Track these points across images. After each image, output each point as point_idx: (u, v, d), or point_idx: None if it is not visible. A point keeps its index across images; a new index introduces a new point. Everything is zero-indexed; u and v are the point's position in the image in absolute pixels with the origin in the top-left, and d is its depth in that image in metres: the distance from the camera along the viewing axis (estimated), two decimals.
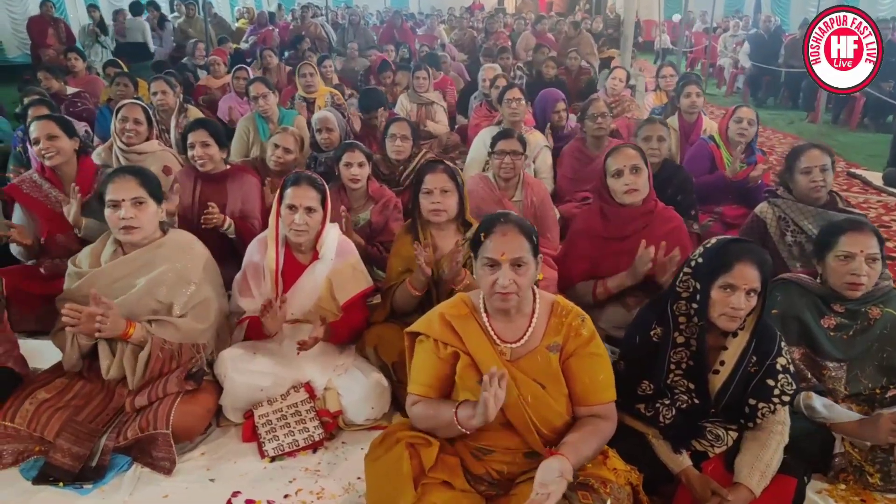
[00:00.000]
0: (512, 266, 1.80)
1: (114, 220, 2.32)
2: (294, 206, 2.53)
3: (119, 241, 2.42)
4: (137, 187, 2.35)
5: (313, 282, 2.62)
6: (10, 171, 4.17)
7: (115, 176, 2.36)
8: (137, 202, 2.34)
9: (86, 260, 2.45)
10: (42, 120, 3.11)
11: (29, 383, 2.36)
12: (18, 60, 10.80)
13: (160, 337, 2.33)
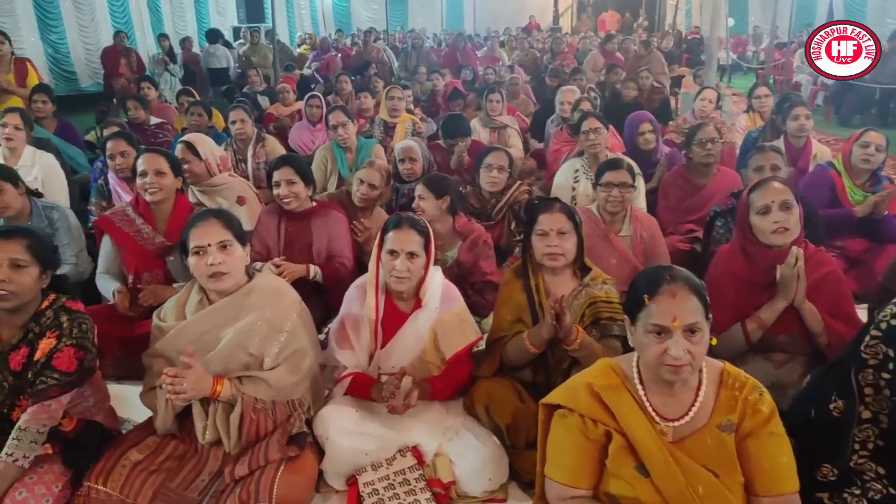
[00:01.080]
0: (685, 333, 1.53)
1: (200, 267, 2.14)
2: (395, 251, 2.31)
3: (204, 290, 2.24)
4: (223, 230, 2.17)
5: (416, 332, 2.39)
6: (92, 205, 4.08)
7: (197, 221, 2.18)
8: (223, 246, 2.15)
9: (171, 313, 2.26)
10: (151, 154, 3.06)
11: (120, 442, 2.18)
12: (91, 89, 11.07)
13: (251, 395, 2.12)
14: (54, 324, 2.06)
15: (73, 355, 2.04)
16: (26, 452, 1.95)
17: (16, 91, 6.26)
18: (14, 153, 4.40)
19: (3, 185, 3.25)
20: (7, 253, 2.00)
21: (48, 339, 2.04)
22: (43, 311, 2.08)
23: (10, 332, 2.07)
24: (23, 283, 2.00)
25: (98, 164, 4.71)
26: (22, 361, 2.04)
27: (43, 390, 1.99)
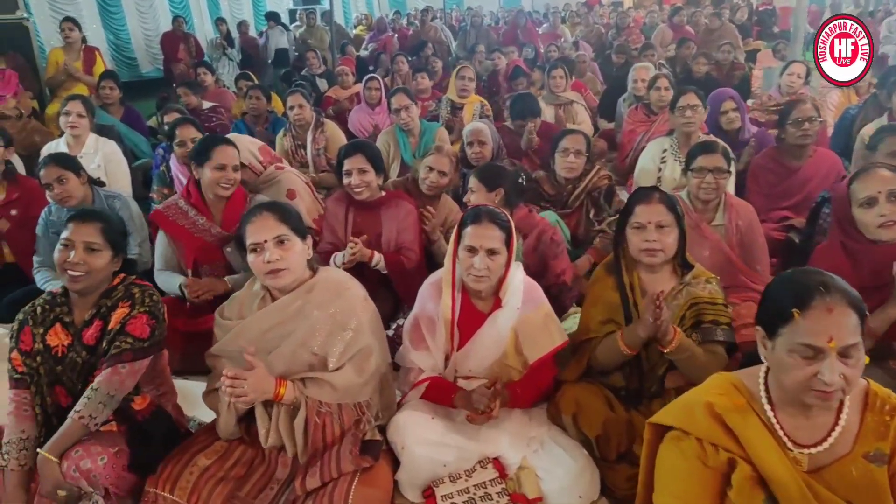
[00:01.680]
0: (841, 355, 1.29)
1: (258, 264, 2.00)
2: (474, 248, 2.12)
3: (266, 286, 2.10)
4: (278, 224, 2.02)
5: (496, 334, 2.20)
6: (153, 192, 4.03)
7: (252, 216, 2.04)
8: (280, 241, 2.00)
9: (232, 310, 2.14)
10: (231, 147, 3.01)
11: (187, 446, 2.07)
12: (151, 75, 11.18)
13: (315, 399, 1.98)
14: (126, 295, 2.07)
15: (146, 321, 2.04)
16: (94, 412, 1.94)
17: (83, 78, 6.30)
18: (78, 141, 4.38)
19: (66, 174, 3.20)
20: (82, 236, 2.02)
21: (121, 308, 2.04)
22: (114, 287, 2.09)
23: (82, 312, 2.07)
24: (96, 265, 2.01)
25: (160, 151, 4.66)
26: (95, 335, 2.03)
27: (117, 354, 1.99)
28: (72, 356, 2.02)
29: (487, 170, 2.93)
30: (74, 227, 2.03)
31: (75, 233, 2.01)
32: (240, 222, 2.08)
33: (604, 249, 3.15)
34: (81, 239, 2.00)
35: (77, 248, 1.99)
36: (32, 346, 2.04)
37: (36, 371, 2.04)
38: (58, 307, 2.06)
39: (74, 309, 2.07)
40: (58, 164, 3.20)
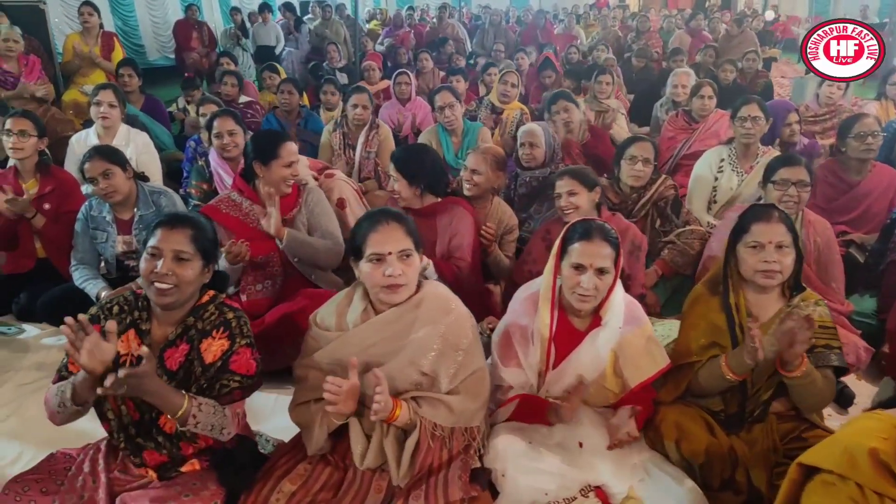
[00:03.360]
0: None
1: (376, 277, 1.86)
2: (582, 265, 2.01)
3: (369, 298, 1.98)
4: (405, 237, 1.90)
5: (595, 354, 2.09)
6: (192, 187, 3.88)
7: (376, 223, 1.90)
8: (405, 255, 1.88)
9: (330, 320, 2.00)
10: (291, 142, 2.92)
11: (269, 470, 1.95)
12: (158, 63, 10.97)
13: (430, 420, 1.86)
14: (220, 321, 1.86)
15: (250, 356, 1.87)
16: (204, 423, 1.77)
17: (102, 64, 6.12)
18: (109, 132, 4.22)
19: (112, 168, 3.06)
20: (172, 244, 1.81)
21: (218, 339, 1.84)
22: (203, 305, 1.88)
23: (165, 329, 1.87)
24: (186, 277, 1.80)
25: (191, 143, 4.51)
26: (180, 360, 1.83)
27: (227, 394, 1.83)
28: None
29: (583, 171, 2.85)
30: (163, 233, 1.82)
31: (164, 240, 1.81)
32: (359, 226, 1.95)
33: (672, 262, 3.06)
34: (171, 247, 1.79)
35: (166, 257, 1.79)
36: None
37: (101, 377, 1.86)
38: (137, 311, 1.86)
39: (154, 319, 1.88)
40: (104, 157, 3.06)
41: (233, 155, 3.76)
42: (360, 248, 1.90)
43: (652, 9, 13.71)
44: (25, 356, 2.99)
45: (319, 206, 2.95)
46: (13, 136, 3.24)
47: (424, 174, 2.86)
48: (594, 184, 2.79)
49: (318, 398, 1.93)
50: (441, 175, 2.93)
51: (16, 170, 3.35)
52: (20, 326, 3.24)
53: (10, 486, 1.85)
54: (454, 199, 3.04)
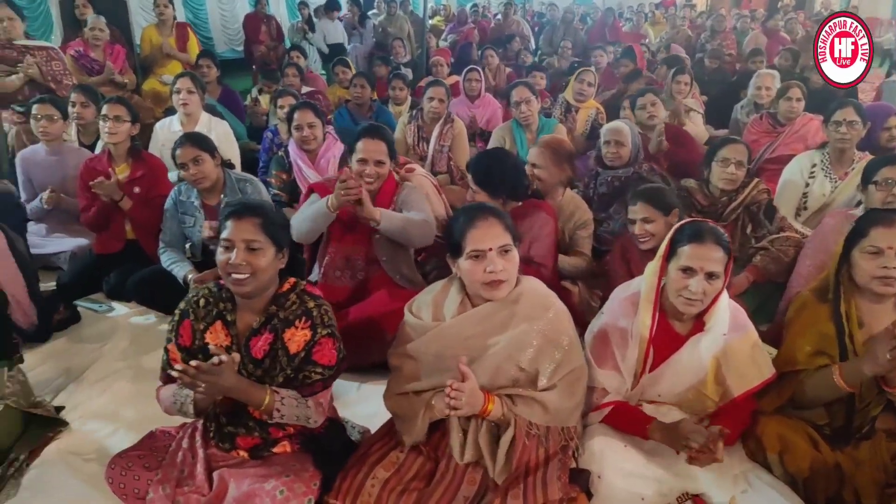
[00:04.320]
0: None
1: (477, 273, 1.85)
2: (692, 269, 1.95)
3: (466, 290, 1.96)
4: (504, 233, 1.88)
5: (696, 360, 2.03)
6: (271, 177, 3.93)
7: (475, 219, 1.87)
8: (505, 251, 1.86)
9: (427, 310, 2.00)
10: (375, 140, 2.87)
11: (362, 457, 1.95)
12: (226, 55, 11.18)
13: (525, 418, 1.84)
14: (302, 311, 1.87)
15: (332, 346, 1.88)
16: (287, 413, 1.82)
17: (177, 55, 6.28)
18: (190, 119, 4.32)
19: (202, 154, 3.12)
20: (242, 234, 1.81)
21: (300, 329, 1.86)
22: (285, 293, 1.90)
23: (249, 317, 1.90)
24: (259, 265, 1.81)
25: (268, 135, 4.59)
26: (264, 349, 1.87)
27: (310, 386, 1.86)
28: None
29: (657, 194, 2.71)
30: (233, 224, 1.82)
31: (234, 231, 1.81)
32: (454, 221, 1.94)
33: (764, 269, 2.96)
34: (241, 237, 1.79)
35: (238, 248, 1.79)
36: (193, 342, 1.90)
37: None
38: (222, 303, 1.90)
39: (240, 313, 1.90)
40: (195, 144, 3.12)
41: (312, 147, 3.80)
42: (460, 244, 1.88)
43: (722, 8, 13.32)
44: (115, 334, 3.08)
45: (412, 195, 2.93)
46: (109, 120, 3.34)
47: (506, 185, 2.82)
48: (671, 207, 2.68)
49: (418, 390, 1.94)
50: (521, 180, 2.88)
51: (109, 154, 3.45)
52: (110, 304, 3.34)
53: (115, 461, 1.92)
54: (536, 203, 2.99)
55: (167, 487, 1.85)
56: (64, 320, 3.08)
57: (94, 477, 2.13)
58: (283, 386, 1.85)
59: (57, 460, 2.23)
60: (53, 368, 2.75)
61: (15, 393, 2.24)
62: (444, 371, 1.89)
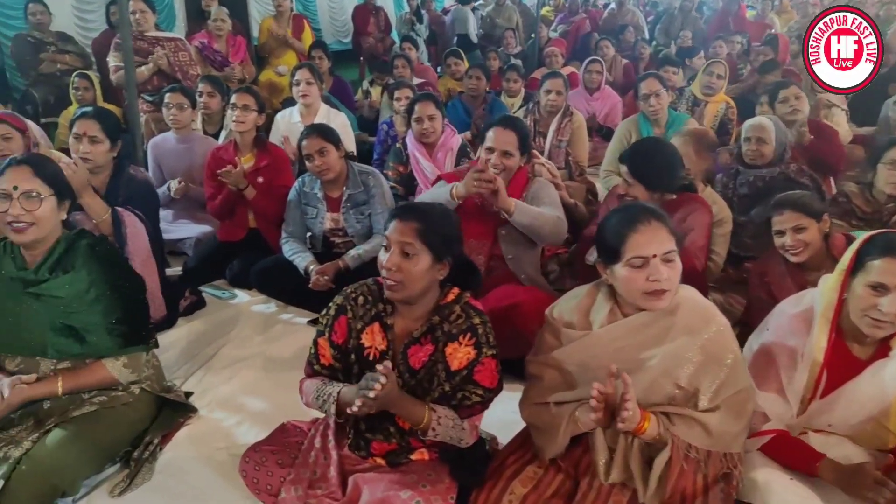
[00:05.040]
0: None
1: (639, 282, 1.68)
2: (885, 285, 1.71)
3: (615, 297, 1.80)
4: (669, 237, 1.70)
5: (879, 389, 1.79)
6: (388, 169, 3.88)
7: (637, 223, 1.70)
8: (669, 258, 1.69)
9: (571, 316, 1.85)
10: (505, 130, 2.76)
11: (498, 470, 1.85)
12: (333, 47, 11.33)
13: (684, 440, 1.67)
14: (467, 326, 1.78)
15: (494, 368, 1.79)
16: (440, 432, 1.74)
17: (295, 44, 6.38)
18: (310, 110, 4.35)
19: (327, 146, 3.11)
20: (399, 236, 1.72)
21: (464, 346, 1.76)
22: (448, 304, 1.80)
23: (407, 324, 1.82)
24: (410, 273, 1.71)
25: (383, 127, 4.57)
26: (423, 360, 1.78)
27: (469, 407, 1.77)
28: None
29: (803, 201, 2.46)
30: (394, 225, 1.73)
31: (393, 231, 1.73)
32: (608, 223, 1.78)
33: None
34: (398, 239, 1.71)
35: (393, 251, 1.71)
36: (348, 339, 1.84)
37: (347, 369, 1.86)
38: (381, 303, 1.83)
39: (398, 319, 1.82)
40: (321, 135, 3.12)
41: (431, 139, 3.73)
42: (617, 249, 1.72)
43: None
44: (239, 321, 3.12)
45: (543, 190, 2.80)
46: (237, 109, 3.38)
47: (664, 177, 2.63)
48: (821, 212, 2.41)
49: (560, 402, 1.81)
50: (678, 171, 2.68)
51: (235, 143, 3.50)
52: (232, 292, 3.40)
53: (249, 455, 1.90)
54: (691, 196, 2.79)
55: (299, 489, 1.81)
56: (190, 305, 3.14)
57: (223, 466, 2.14)
58: (437, 402, 1.77)
59: (188, 446, 2.25)
60: (181, 354, 2.80)
61: (150, 377, 2.26)
62: (589, 383, 1.72)
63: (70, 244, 2.04)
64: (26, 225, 1.92)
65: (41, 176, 1.96)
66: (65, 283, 1.99)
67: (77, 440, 1.94)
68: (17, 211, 1.90)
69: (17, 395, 1.89)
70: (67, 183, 2.10)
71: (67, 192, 2.07)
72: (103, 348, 2.05)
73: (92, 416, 2.02)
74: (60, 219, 2.03)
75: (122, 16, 3.65)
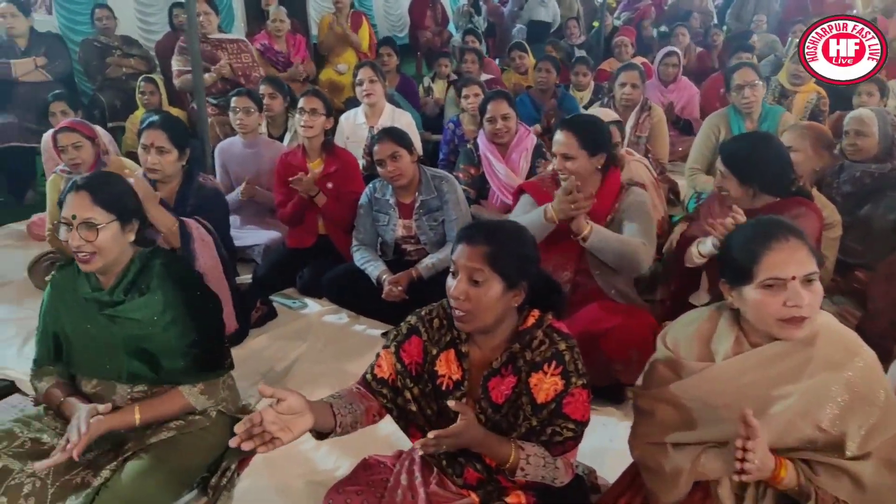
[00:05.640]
0: None
1: (773, 307, 1.47)
2: None
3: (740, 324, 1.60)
4: (809, 257, 1.48)
5: None
6: (459, 171, 3.71)
7: (775, 240, 1.49)
8: (809, 280, 1.47)
9: (689, 345, 1.65)
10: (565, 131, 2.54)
11: None
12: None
13: (830, 493, 1.46)
14: (552, 353, 1.58)
15: (586, 399, 1.59)
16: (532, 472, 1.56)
17: (353, 40, 6.26)
18: (374, 111, 4.23)
19: (400, 150, 2.97)
20: (466, 261, 1.54)
21: (550, 375, 1.56)
22: (529, 329, 1.61)
23: (484, 353, 1.64)
24: (480, 301, 1.53)
25: (449, 126, 4.41)
26: (506, 393, 1.60)
27: (560, 444, 1.58)
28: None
29: None
30: (461, 249, 1.56)
31: (459, 256, 1.55)
32: (736, 239, 1.58)
33: None
34: (465, 264, 1.53)
35: (461, 278, 1.54)
36: (423, 364, 1.67)
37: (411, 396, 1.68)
38: (455, 329, 1.65)
39: (472, 342, 1.65)
40: (393, 139, 2.98)
41: (505, 140, 3.55)
42: (748, 269, 1.51)
43: None
44: (310, 334, 3.01)
45: (636, 206, 2.56)
46: (305, 114, 3.27)
47: (764, 173, 2.39)
48: None
49: (679, 443, 1.62)
50: (785, 171, 2.43)
51: (303, 148, 3.39)
52: (303, 301, 3.30)
53: (332, 496, 1.75)
54: (798, 200, 2.53)
55: None
56: (262, 317, 3.06)
57: (302, 496, 2.05)
58: (525, 437, 1.60)
59: (265, 473, 2.15)
60: (254, 369, 2.70)
61: (226, 398, 2.16)
62: (712, 423, 1.57)
63: (145, 263, 1.96)
64: (88, 255, 1.85)
65: (100, 202, 1.87)
66: (140, 306, 1.91)
67: (156, 470, 1.86)
68: (77, 242, 1.83)
69: (96, 430, 1.81)
70: (132, 204, 2.00)
71: (133, 214, 1.97)
72: (179, 374, 1.96)
73: (170, 441, 1.94)
74: (128, 241, 1.95)
75: (191, 20, 3.57)
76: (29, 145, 4.72)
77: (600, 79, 5.78)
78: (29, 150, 4.77)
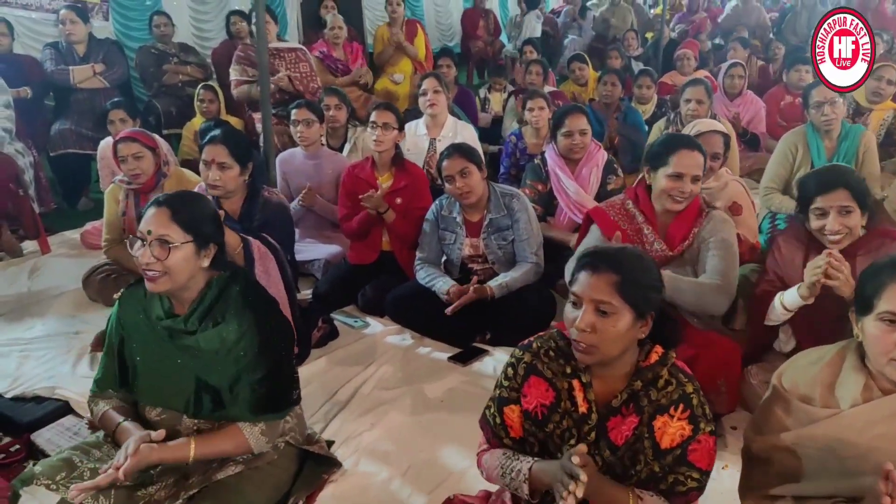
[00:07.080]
0: None
1: (888, 344, 1.37)
2: None
3: (868, 367, 1.46)
4: None
5: None
6: (525, 186, 3.57)
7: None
8: None
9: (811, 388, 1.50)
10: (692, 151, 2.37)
11: None
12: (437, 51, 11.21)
13: None
14: (679, 395, 1.44)
15: (712, 447, 1.44)
16: None
17: (409, 49, 6.18)
18: (436, 121, 4.13)
19: (469, 166, 2.86)
20: (592, 292, 1.41)
21: (677, 420, 1.42)
22: (652, 367, 1.47)
23: (606, 385, 1.50)
24: (607, 333, 1.40)
25: (511, 138, 4.28)
26: (626, 435, 1.45)
27: (682, 493, 1.43)
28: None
29: None
30: (585, 279, 1.43)
31: (584, 287, 1.42)
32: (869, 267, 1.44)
33: None
34: (591, 296, 1.40)
35: (586, 309, 1.41)
36: (552, 403, 1.51)
37: (547, 438, 1.53)
38: (573, 359, 1.50)
39: (595, 381, 1.50)
40: (463, 155, 2.88)
41: (579, 156, 3.40)
42: (871, 299, 1.41)
43: None
44: (374, 355, 2.89)
45: (720, 236, 2.37)
46: (378, 128, 3.17)
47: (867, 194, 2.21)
48: None
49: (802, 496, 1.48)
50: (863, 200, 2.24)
51: (372, 161, 3.29)
52: (365, 320, 3.17)
53: None
54: (885, 231, 2.34)
55: None
56: (324, 336, 2.95)
57: None
58: (642, 484, 1.44)
59: None
60: (317, 394, 2.58)
61: (293, 428, 2.05)
62: (838, 476, 1.44)
63: (222, 289, 1.83)
64: (157, 274, 1.72)
65: (179, 220, 1.75)
66: (214, 337, 1.78)
67: None
68: (147, 259, 1.71)
69: (146, 457, 1.65)
70: (212, 228, 1.85)
71: (211, 238, 1.83)
72: (242, 409, 1.80)
73: (236, 478, 1.81)
74: (201, 266, 1.80)
75: (260, 31, 3.50)
76: (84, 152, 4.73)
77: (661, 92, 5.60)
78: (84, 156, 4.77)
